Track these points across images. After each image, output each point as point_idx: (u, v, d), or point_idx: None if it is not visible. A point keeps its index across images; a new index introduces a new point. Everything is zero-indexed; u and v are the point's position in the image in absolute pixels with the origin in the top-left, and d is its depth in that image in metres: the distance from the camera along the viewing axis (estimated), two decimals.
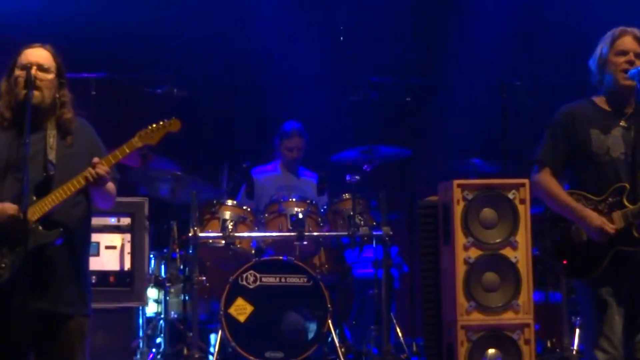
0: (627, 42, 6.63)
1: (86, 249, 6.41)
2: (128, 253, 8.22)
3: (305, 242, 9.40)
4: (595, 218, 6.52)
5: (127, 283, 8.20)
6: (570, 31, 10.13)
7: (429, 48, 11.56)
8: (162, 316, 9.44)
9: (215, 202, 9.61)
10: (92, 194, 6.21)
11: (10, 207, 5.94)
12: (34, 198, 6.02)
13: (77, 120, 6.34)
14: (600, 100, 6.76)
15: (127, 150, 6.22)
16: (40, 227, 6.01)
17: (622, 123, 6.68)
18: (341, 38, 10.91)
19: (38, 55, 6.22)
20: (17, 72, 6.13)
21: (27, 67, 6.11)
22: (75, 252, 6.23)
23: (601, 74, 6.71)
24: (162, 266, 9.63)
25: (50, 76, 6.20)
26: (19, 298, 5.97)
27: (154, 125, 6.29)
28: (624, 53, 6.60)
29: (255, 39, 11.14)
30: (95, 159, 6.03)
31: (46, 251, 6.06)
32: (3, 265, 5.99)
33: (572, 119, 6.74)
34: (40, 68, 6.17)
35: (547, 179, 6.72)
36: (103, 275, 7.97)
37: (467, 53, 10.92)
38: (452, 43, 11.27)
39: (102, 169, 6.02)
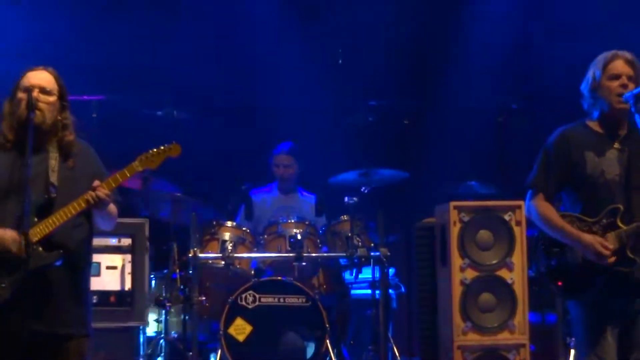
0: (619, 65, 6.63)
1: (87, 270, 6.41)
2: (129, 273, 8.23)
3: (303, 263, 9.40)
4: (591, 240, 6.52)
5: (127, 303, 8.21)
6: (565, 55, 10.12)
7: (426, 71, 11.57)
8: (163, 336, 9.45)
9: (214, 223, 9.63)
10: (94, 216, 6.21)
11: (12, 242, 5.96)
12: (35, 219, 6.02)
13: (79, 142, 6.34)
14: (593, 124, 6.76)
15: (128, 174, 6.23)
16: (41, 249, 6.01)
17: (616, 145, 6.69)
18: (340, 62, 10.91)
19: (40, 77, 6.22)
20: (20, 94, 6.14)
21: (29, 90, 6.12)
22: (76, 273, 6.23)
23: (594, 98, 6.71)
24: (163, 286, 9.63)
25: (52, 98, 6.20)
26: (18, 318, 5.97)
27: (155, 150, 6.30)
28: (617, 77, 6.61)
29: (255, 62, 11.17)
30: (96, 182, 6.04)
31: (46, 272, 6.06)
32: (3, 285, 5.98)
33: (566, 142, 6.75)
34: (43, 90, 6.17)
35: (541, 204, 6.73)
36: (104, 295, 7.98)
37: (464, 76, 10.94)
38: (449, 66, 11.29)
39: (103, 192, 6.02)
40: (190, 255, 9.21)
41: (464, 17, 11.47)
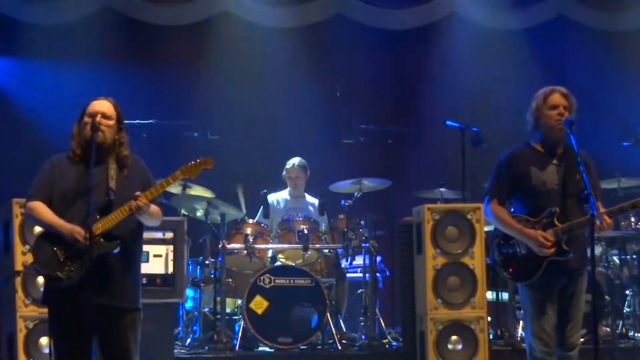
0: (556, 98, 6.63)
1: (138, 257, 6.39)
2: (171, 260, 8.19)
3: (309, 252, 9.40)
4: (534, 234, 6.53)
5: (170, 283, 8.18)
6: (513, 92, 10.13)
7: (405, 103, 11.57)
8: (198, 310, 9.43)
9: (239, 220, 9.63)
10: (141, 217, 6.22)
11: (79, 234, 5.99)
12: (98, 217, 6.03)
13: (133, 156, 6.35)
14: (536, 144, 6.75)
15: (171, 181, 6.24)
16: (102, 240, 6.02)
17: (554, 162, 6.69)
18: (338, 94, 10.90)
19: (102, 105, 6.23)
20: (86, 118, 6.16)
21: (93, 115, 6.15)
22: (129, 259, 6.22)
23: (537, 124, 6.71)
24: (198, 270, 9.62)
25: (111, 122, 6.21)
26: (86, 295, 5.98)
27: (193, 162, 6.30)
28: (555, 107, 6.61)
29: (271, 95, 11.15)
30: (137, 193, 6.05)
31: (107, 258, 6.07)
32: (73, 269, 6.00)
33: (514, 159, 6.75)
34: (104, 116, 6.17)
35: (495, 207, 6.73)
36: (151, 277, 7.95)
37: (435, 107, 10.91)
38: (424, 99, 11.27)
39: (142, 201, 6.03)
40: (220, 246, 9.24)
41: (433, 63, 11.45)
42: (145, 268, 6.81)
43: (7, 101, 10.46)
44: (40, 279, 7.08)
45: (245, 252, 9.38)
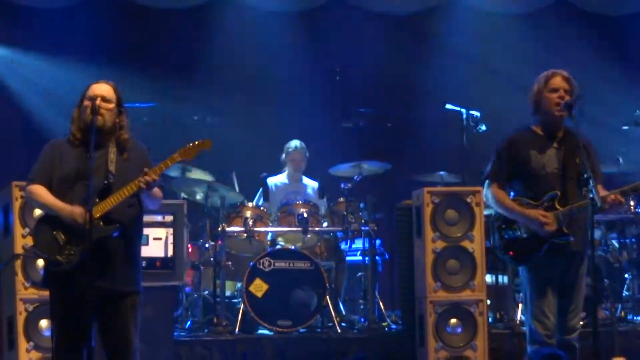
0: (557, 81, 6.62)
1: (138, 240, 6.40)
2: (171, 243, 8.19)
3: (309, 236, 9.40)
4: (534, 213, 6.54)
5: (170, 267, 8.17)
6: (514, 76, 10.11)
7: (405, 86, 11.55)
8: (198, 293, 9.44)
9: (238, 204, 9.63)
10: (143, 198, 6.21)
11: (80, 215, 5.99)
12: (97, 200, 6.03)
13: (133, 140, 6.35)
14: (536, 127, 6.75)
15: (170, 164, 6.22)
16: (101, 223, 6.02)
17: (554, 145, 6.69)
18: (337, 78, 10.86)
19: (102, 89, 6.22)
20: (86, 102, 6.15)
21: (92, 99, 6.14)
22: (129, 243, 6.23)
23: (537, 107, 6.71)
24: (198, 253, 9.63)
25: (111, 105, 6.20)
26: (86, 278, 5.97)
27: (192, 144, 6.28)
28: (556, 90, 6.60)
29: (271, 78, 11.13)
30: (146, 169, 6.05)
31: (106, 241, 6.07)
32: (72, 253, 6.01)
33: (514, 144, 6.75)
34: (103, 99, 6.17)
35: (495, 191, 6.74)
36: (151, 260, 7.93)
37: (436, 89, 10.89)
38: (424, 83, 11.25)
39: (152, 176, 6.03)
40: (219, 229, 9.24)
41: (433, 47, 11.42)
42: (145, 251, 6.81)
43: (5, 86, 10.43)
44: (40, 262, 7.07)
45: (245, 235, 9.38)
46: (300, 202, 9.64)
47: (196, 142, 6.33)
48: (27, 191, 6.30)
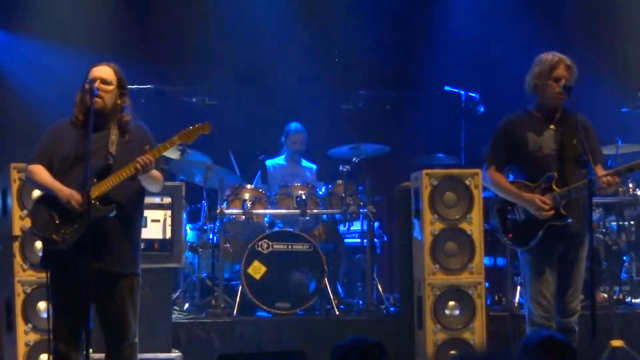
0: (561, 70, 6.63)
1: (137, 222, 6.42)
2: (169, 225, 8.19)
3: (307, 218, 9.42)
4: (532, 197, 6.57)
5: (168, 249, 8.17)
6: (512, 55, 10.07)
7: (404, 68, 11.52)
8: (196, 275, 9.46)
9: (237, 186, 9.63)
10: (141, 180, 6.23)
11: (77, 201, 6.03)
12: (95, 181, 6.06)
13: (136, 122, 6.37)
14: (534, 110, 6.77)
15: (169, 146, 6.26)
16: (98, 203, 6.05)
17: (551, 127, 6.71)
18: (336, 60, 10.86)
19: (102, 71, 6.26)
20: (86, 85, 6.19)
21: (92, 81, 6.17)
22: (127, 224, 6.25)
23: (538, 90, 6.72)
24: (196, 235, 9.64)
25: (111, 87, 6.22)
26: (83, 259, 6.00)
27: (191, 128, 6.32)
28: (559, 79, 6.61)
29: (270, 60, 11.10)
30: (146, 147, 6.07)
31: (104, 222, 6.10)
32: (68, 232, 6.05)
33: (512, 126, 6.79)
34: (103, 81, 6.20)
35: (494, 174, 6.78)
36: (149, 242, 7.92)
37: (434, 71, 10.88)
38: (423, 65, 11.23)
39: (148, 157, 6.05)
40: (217, 211, 9.26)
41: (431, 29, 11.38)
42: (143, 233, 6.80)
43: (3, 71, 10.42)
44: (39, 244, 7.09)
45: (244, 217, 9.39)
46: (299, 184, 9.64)
47: (196, 126, 6.35)
48: (27, 170, 6.34)
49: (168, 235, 8.19)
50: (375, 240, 9.73)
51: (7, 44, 10.42)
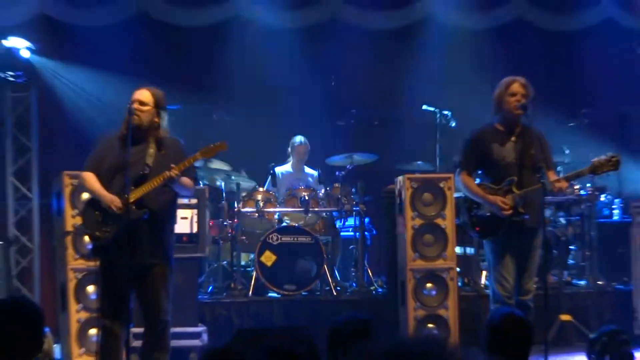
0: (516, 87, 6.68)
1: (169, 222, 6.45)
2: (195, 222, 8.20)
3: (309, 215, 9.43)
4: (495, 199, 6.60)
5: (194, 241, 8.19)
6: (479, 79, 10.08)
7: (389, 91, 11.50)
8: (217, 262, 9.47)
9: (251, 189, 9.66)
10: (173, 187, 6.27)
11: (116, 206, 6.10)
12: (132, 187, 6.09)
13: (171, 138, 6.42)
14: (498, 124, 6.81)
15: (192, 161, 6.30)
16: (134, 207, 6.09)
17: (512, 139, 6.75)
18: (332, 84, 10.86)
19: (141, 94, 6.31)
20: (128, 105, 6.23)
21: (131, 102, 6.22)
22: (158, 224, 6.29)
23: (499, 108, 6.76)
24: (217, 230, 9.66)
25: (147, 108, 6.27)
26: (123, 255, 6.05)
27: (211, 146, 6.36)
28: (514, 94, 6.65)
29: (277, 84, 11.06)
30: (172, 165, 6.11)
31: (139, 223, 6.14)
32: (108, 230, 6.12)
33: (480, 138, 6.82)
34: (141, 103, 6.25)
35: (465, 178, 6.81)
36: (179, 236, 7.90)
37: (415, 93, 10.86)
38: (405, 88, 11.21)
39: (174, 171, 6.09)
40: (235, 209, 9.28)
41: (412, 57, 11.35)
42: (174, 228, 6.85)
43: (54, 92, 10.41)
44: (86, 238, 7.13)
45: (257, 215, 9.41)
46: (303, 187, 9.66)
47: (216, 144, 6.39)
48: (80, 177, 6.45)
49: (195, 230, 8.22)
50: (366, 233, 9.74)
51: (60, 72, 10.42)
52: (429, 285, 8.35)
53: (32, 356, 3.86)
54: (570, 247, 9.78)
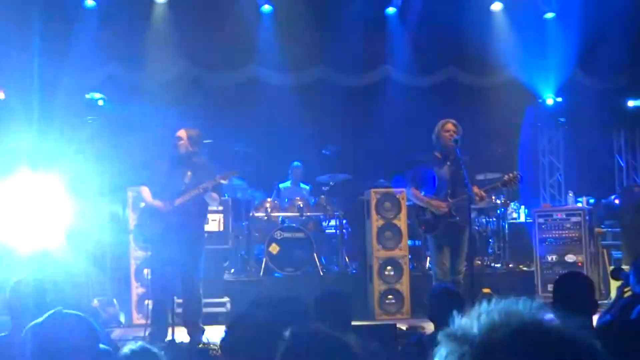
0: (449, 126, 6.65)
1: (201, 221, 6.41)
2: (222, 223, 8.16)
3: (304, 218, 9.34)
4: (435, 203, 6.55)
5: (221, 236, 8.14)
6: (426, 122, 9.97)
7: (360, 131, 11.42)
8: (237, 252, 9.38)
9: (262, 199, 9.57)
10: (205, 198, 6.21)
11: (162, 207, 6.06)
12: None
13: (205, 162, 6.40)
14: (437, 153, 6.77)
15: (214, 183, 6.20)
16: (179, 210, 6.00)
17: (448, 164, 6.70)
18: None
19: (180, 132, 6.27)
20: (173, 140, 6.19)
21: (174, 138, 6.18)
22: (193, 223, 6.23)
23: (437, 141, 6.72)
24: (238, 229, 9.57)
25: (182, 142, 6.23)
26: (168, 246, 5.98)
27: (227, 173, 6.30)
28: (448, 131, 6.61)
29: (280, 124, 10.94)
30: (201, 184, 6.06)
31: (180, 222, 6.08)
32: (156, 227, 6.04)
33: (424, 163, 6.76)
34: (178, 138, 6.20)
35: (413, 191, 6.78)
36: (210, 233, 7.88)
37: (379, 132, 10.74)
38: (373, 129, 11.09)
39: (203, 187, 6.05)
40: (250, 214, 9.19)
41: (376, 106, 11.22)
42: (207, 227, 6.80)
43: (119, 130, 10.03)
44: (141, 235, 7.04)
45: (266, 217, 9.32)
46: (299, 198, 9.59)
47: (230, 172, 6.37)
48: (139, 190, 6.37)
49: (221, 228, 8.15)
50: (344, 231, 9.67)
51: (116, 111, 10.06)
52: (389, 267, 8.29)
53: None
54: (489, 240, 9.73)
